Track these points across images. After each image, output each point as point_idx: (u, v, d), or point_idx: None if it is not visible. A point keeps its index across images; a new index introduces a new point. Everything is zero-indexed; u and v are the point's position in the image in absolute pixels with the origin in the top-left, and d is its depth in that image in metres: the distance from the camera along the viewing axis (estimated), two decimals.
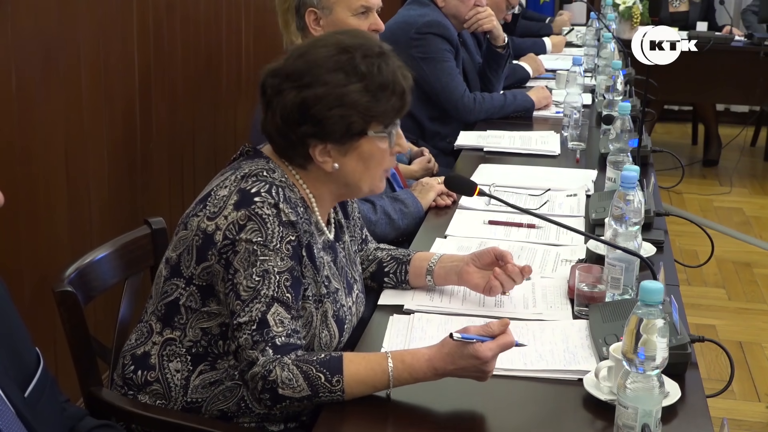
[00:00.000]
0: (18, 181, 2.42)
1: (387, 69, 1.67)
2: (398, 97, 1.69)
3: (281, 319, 1.59)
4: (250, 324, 1.58)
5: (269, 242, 1.60)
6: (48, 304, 1.84)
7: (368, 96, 1.65)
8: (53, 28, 2.55)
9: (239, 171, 1.69)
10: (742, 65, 5.75)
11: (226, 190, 1.65)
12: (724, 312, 4.08)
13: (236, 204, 1.62)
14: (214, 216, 1.63)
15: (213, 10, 3.71)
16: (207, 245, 1.64)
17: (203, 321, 1.69)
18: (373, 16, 2.58)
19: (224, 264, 1.62)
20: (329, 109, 1.64)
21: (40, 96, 2.51)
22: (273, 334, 1.57)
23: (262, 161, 1.71)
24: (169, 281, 1.71)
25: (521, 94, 3.77)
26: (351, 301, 1.82)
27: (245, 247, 1.60)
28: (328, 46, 1.68)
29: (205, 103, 3.66)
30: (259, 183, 1.64)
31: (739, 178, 6.11)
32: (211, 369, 1.70)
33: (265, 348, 1.57)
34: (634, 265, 1.88)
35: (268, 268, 1.59)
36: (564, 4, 7.40)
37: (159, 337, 1.73)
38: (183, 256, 1.68)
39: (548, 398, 1.62)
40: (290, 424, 1.76)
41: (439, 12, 3.71)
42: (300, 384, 1.54)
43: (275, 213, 1.61)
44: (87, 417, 1.58)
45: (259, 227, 1.60)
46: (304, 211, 1.70)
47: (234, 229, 1.61)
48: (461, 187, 2.09)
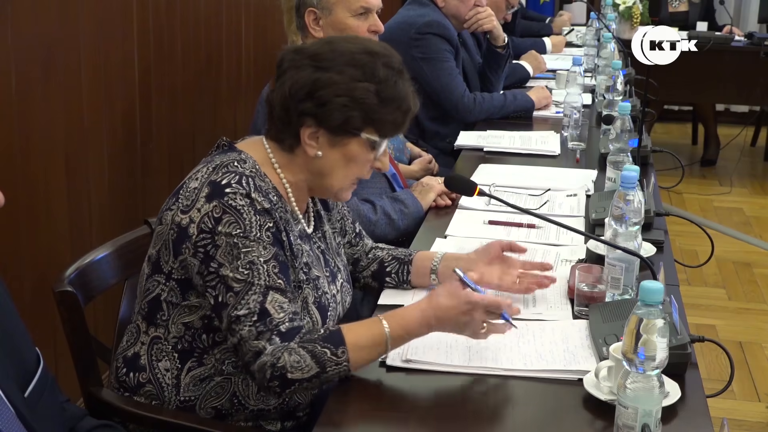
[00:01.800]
0: (18, 181, 2.42)
1: (402, 85, 1.72)
2: (402, 114, 1.73)
3: (280, 305, 1.60)
4: (251, 316, 1.59)
5: (249, 233, 1.61)
6: (48, 304, 1.84)
7: (377, 100, 1.68)
8: (53, 28, 2.55)
9: (211, 164, 1.70)
10: (742, 65, 5.74)
11: (197, 182, 1.66)
12: (724, 312, 4.08)
13: (208, 196, 1.63)
14: (188, 209, 1.64)
15: (213, 10, 3.71)
16: (182, 238, 1.65)
17: (185, 315, 1.70)
18: (372, 17, 2.58)
19: (201, 257, 1.62)
20: (337, 95, 1.67)
21: (40, 96, 2.51)
22: (276, 322, 1.59)
23: (234, 153, 1.72)
24: (151, 278, 1.72)
25: (521, 94, 3.77)
26: (335, 289, 1.83)
27: (225, 240, 1.61)
28: (355, 44, 1.74)
29: (205, 103, 3.66)
30: (230, 174, 1.65)
31: (739, 178, 6.11)
32: (199, 365, 1.71)
33: (272, 337, 1.58)
34: (634, 265, 1.88)
35: (252, 259, 1.61)
36: (564, 4, 7.40)
37: (146, 337, 1.74)
38: (161, 252, 1.70)
39: (548, 398, 1.62)
40: (287, 423, 1.76)
41: (438, 12, 3.71)
42: (308, 363, 1.56)
43: (249, 203, 1.62)
44: (87, 417, 1.58)
45: (236, 219, 1.61)
46: (278, 199, 1.71)
47: (210, 222, 1.61)
48: (461, 187, 2.09)
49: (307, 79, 1.68)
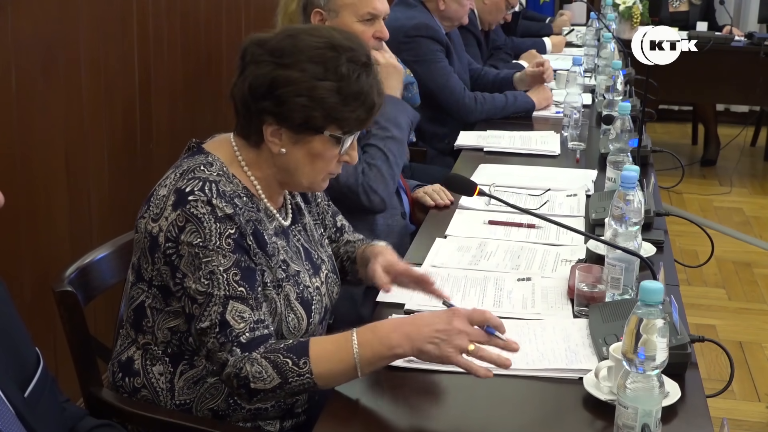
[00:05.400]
0: (18, 182, 2.42)
1: (365, 80, 1.66)
2: (365, 110, 1.68)
3: (240, 315, 1.58)
4: (213, 328, 1.58)
5: (208, 242, 1.59)
6: (48, 304, 1.84)
7: (338, 98, 1.64)
8: (53, 28, 2.55)
9: (179, 169, 1.68)
10: (742, 65, 5.74)
11: (165, 189, 1.65)
12: (724, 312, 4.08)
13: (173, 204, 1.62)
14: (157, 217, 1.63)
15: (213, 10, 3.71)
16: (153, 247, 1.64)
17: (170, 320, 1.69)
18: (378, 23, 2.54)
19: (171, 266, 1.62)
20: (296, 95, 1.63)
21: (40, 96, 2.51)
22: (237, 333, 1.57)
23: (201, 156, 1.70)
24: (135, 286, 1.72)
25: (522, 95, 3.77)
26: (319, 281, 1.81)
27: (188, 250, 1.59)
28: (319, 38, 1.67)
29: (205, 103, 3.66)
30: (194, 181, 1.63)
31: (739, 178, 6.11)
32: (191, 367, 1.71)
33: (232, 348, 1.57)
34: (634, 265, 1.88)
35: (213, 269, 1.59)
36: (564, 4, 7.41)
37: (137, 344, 1.74)
38: (141, 260, 1.69)
39: (548, 398, 1.62)
40: (286, 423, 1.76)
41: (426, 13, 3.71)
42: (270, 374, 1.54)
43: (210, 210, 1.60)
44: (87, 417, 1.58)
45: (196, 228, 1.59)
46: (249, 200, 1.69)
47: (174, 231, 1.60)
48: (461, 187, 2.09)
49: (267, 76, 1.64)
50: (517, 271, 2.13)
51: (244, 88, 1.67)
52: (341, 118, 1.66)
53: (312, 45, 1.65)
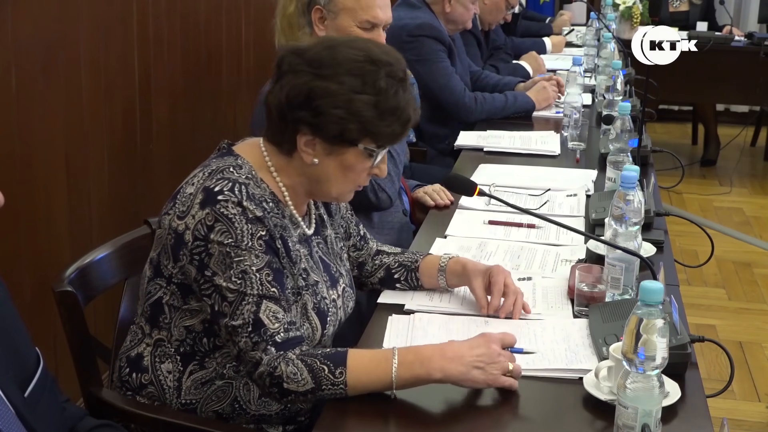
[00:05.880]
0: (18, 181, 2.42)
1: (402, 95, 1.67)
2: (400, 125, 1.68)
3: (274, 314, 1.59)
4: (246, 327, 1.58)
5: (240, 242, 1.59)
6: (48, 304, 1.84)
7: (375, 112, 1.64)
8: (53, 28, 2.55)
9: (207, 168, 1.68)
10: (742, 65, 5.74)
11: (193, 187, 1.65)
12: (724, 312, 4.08)
13: (201, 203, 1.61)
14: (184, 215, 1.63)
15: (213, 10, 3.71)
16: (179, 245, 1.64)
17: (186, 319, 1.69)
18: (377, 31, 2.49)
19: (197, 265, 1.62)
20: (334, 107, 1.63)
21: (40, 96, 2.51)
22: (271, 332, 1.58)
23: (231, 158, 1.70)
24: (153, 281, 1.72)
25: (522, 95, 3.77)
26: (336, 294, 1.81)
27: (218, 249, 1.59)
28: (358, 50, 1.66)
29: (205, 103, 3.66)
30: (223, 181, 1.63)
31: (739, 178, 6.11)
32: (201, 368, 1.71)
33: (267, 347, 1.57)
34: (634, 265, 1.88)
35: (245, 269, 1.59)
36: (564, 4, 7.40)
37: (150, 339, 1.74)
38: (162, 256, 1.69)
39: (548, 398, 1.62)
40: (289, 427, 1.76)
41: (430, 13, 3.71)
42: (304, 377, 1.54)
43: (240, 211, 1.60)
44: (87, 417, 1.58)
45: (227, 228, 1.59)
46: (275, 205, 1.69)
47: (202, 230, 1.60)
48: (461, 187, 2.09)
49: (304, 86, 1.64)
50: (517, 270, 2.13)
51: (281, 96, 1.66)
52: (376, 132, 1.66)
53: (351, 57, 1.65)
